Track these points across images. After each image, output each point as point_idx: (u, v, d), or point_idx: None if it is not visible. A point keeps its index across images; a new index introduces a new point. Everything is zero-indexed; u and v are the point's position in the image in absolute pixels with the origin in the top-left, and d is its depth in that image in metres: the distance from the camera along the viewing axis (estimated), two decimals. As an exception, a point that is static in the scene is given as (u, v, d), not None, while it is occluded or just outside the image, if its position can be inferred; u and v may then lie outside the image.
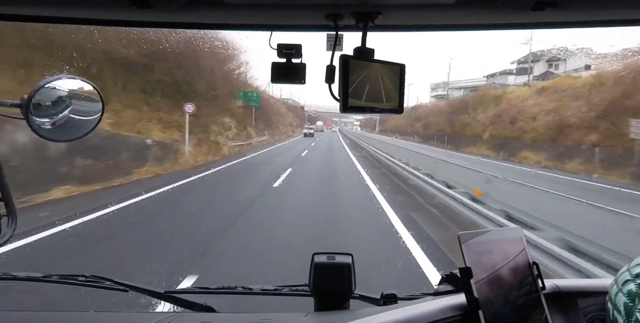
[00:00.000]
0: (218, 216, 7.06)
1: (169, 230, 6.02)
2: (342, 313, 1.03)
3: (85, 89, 0.90)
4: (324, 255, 1.10)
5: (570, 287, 1.02)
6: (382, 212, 7.52)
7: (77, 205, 7.37)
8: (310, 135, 45.46)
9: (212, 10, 0.84)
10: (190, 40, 14.60)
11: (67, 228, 5.83)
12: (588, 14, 0.84)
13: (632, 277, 0.65)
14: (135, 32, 11.57)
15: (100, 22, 0.96)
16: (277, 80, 0.91)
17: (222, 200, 8.69)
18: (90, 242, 5.28)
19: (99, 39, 11.47)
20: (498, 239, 0.85)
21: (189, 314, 1.10)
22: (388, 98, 0.86)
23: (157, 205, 8.10)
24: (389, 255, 5.01)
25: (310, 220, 7.00)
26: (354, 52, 0.83)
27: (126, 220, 6.65)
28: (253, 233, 5.95)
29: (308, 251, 1.12)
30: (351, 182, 11.88)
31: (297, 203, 8.62)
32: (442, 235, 5.84)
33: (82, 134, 0.91)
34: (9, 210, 0.78)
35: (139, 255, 4.85)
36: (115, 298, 1.40)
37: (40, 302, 2.80)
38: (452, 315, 0.81)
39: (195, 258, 4.68)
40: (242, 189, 10.19)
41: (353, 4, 0.79)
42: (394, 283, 3.74)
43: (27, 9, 0.87)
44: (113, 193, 8.75)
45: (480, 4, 0.76)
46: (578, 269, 3.61)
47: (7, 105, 0.79)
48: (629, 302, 0.63)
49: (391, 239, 5.72)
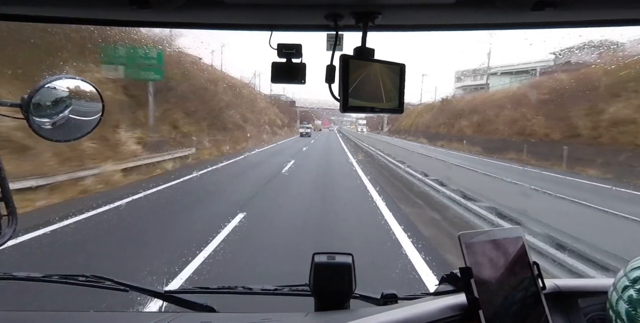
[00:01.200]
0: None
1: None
2: (342, 313, 1.03)
3: (85, 89, 0.90)
4: (324, 255, 1.10)
5: (570, 286, 1.02)
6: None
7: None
8: (307, 135, 43.43)
9: (212, 10, 0.84)
10: None
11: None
12: (588, 14, 0.84)
13: (630, 283, 0.64)
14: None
15: (100, 22, 0.96)
16: (277, 80, 0.91)
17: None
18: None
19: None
20: (498, 239, 0.84)
21: (189, 314, 1.10)
22: (388, 98, 0.86)
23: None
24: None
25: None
26: (354, 52, 0.83)
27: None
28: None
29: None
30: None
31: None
32: None
33: (82, 134, 0.91)
34: (9, 210, 0.78)
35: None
36: (115, 298, 1.40)
37: (41, 302, 2.80)
38: (452, 315, 0.81)
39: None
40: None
41: (353, 4, 0.79)
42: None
43: (27, 9, 0.87)
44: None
45: (480, 4, 0.76)
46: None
47: (7, 105, 0.79)
48: (631, 310, 0.62)
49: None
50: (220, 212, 7.10)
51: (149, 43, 13.72)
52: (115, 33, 11.53)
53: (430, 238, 5.86)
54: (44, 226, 5.95)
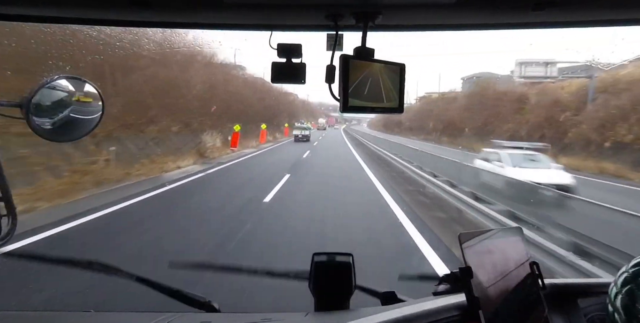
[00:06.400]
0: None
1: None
2: (342, 313, 1.03)
3: (86, 89, 0.90)
4: (324, 255, 1.10)
5: (570, 286, 1.02)
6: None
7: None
8: (303, 138, 28.79)
9: (212, 10, 0.84)
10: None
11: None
12: (588, 14, 0.84)
13: (631, 279, 0.65)
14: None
15: (100, 22, 0.96)
16: (277, 80, 0.91)
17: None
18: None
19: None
20: (498, 239, 0.84)
21: (189, 314, 1.10)
22: (388, 98, 0.86)
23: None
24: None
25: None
26: (354, 52, 0.83)
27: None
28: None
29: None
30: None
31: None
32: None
33: (83, 134, 0.91)
34: (9, 210, 0.78)
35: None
36: (116, 298, 1.40)
37: (41, 302, 2.81)
38: (452, 314, 0.81)
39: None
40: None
41: (353, 4, 0.79)
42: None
43: (27, 9, 0.87)
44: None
45: (480, 4, 0.76)
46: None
47: (7, 105, 0.79)
48: (629, 303, 0.63)
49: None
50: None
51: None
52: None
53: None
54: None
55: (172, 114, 14.91)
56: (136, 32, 10.41)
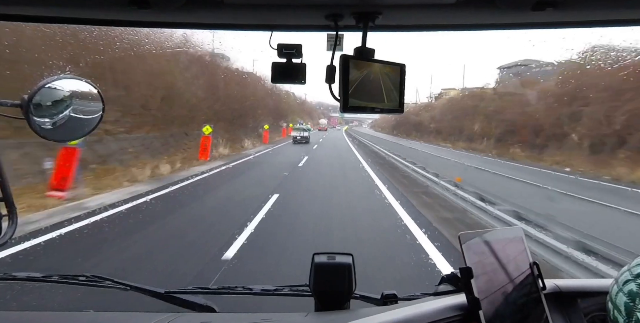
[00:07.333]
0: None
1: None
2: (342, 313, 1.03)
3: (86, 89, 0.90)
4: (324, 255, 1.10)
5: (570, 287, 1.02)
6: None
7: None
8: (302, 140, 27.08)
9: (212, 10, 0.84)
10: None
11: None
12: (588, 14, 0.84)
13: (632, 277, 0.65)
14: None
15: (100, 22, 0.96)
16: (277, 80, 0.91)
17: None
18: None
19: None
20: (498, 239, 0.84)
21: (189, 314, 1.10)
22: (389, 98, 0.86)
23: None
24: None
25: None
26: (354, 52, 0.83)
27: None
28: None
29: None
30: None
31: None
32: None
33: (83, 133, 0.91)
34: (9, 210, 0.78)
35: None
36: (116, 298, 1.40)
37: (40, 302, 2.80)
38: (453, 315, 0.81)
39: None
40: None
41: (353, 4, 0.79)
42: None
43: (27, 9, 0.87)
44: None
45: (480, 4, 0.76)
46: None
47: (7, 105, 0.79)
48: (630, 302, 0.63)
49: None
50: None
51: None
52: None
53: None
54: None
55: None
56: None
